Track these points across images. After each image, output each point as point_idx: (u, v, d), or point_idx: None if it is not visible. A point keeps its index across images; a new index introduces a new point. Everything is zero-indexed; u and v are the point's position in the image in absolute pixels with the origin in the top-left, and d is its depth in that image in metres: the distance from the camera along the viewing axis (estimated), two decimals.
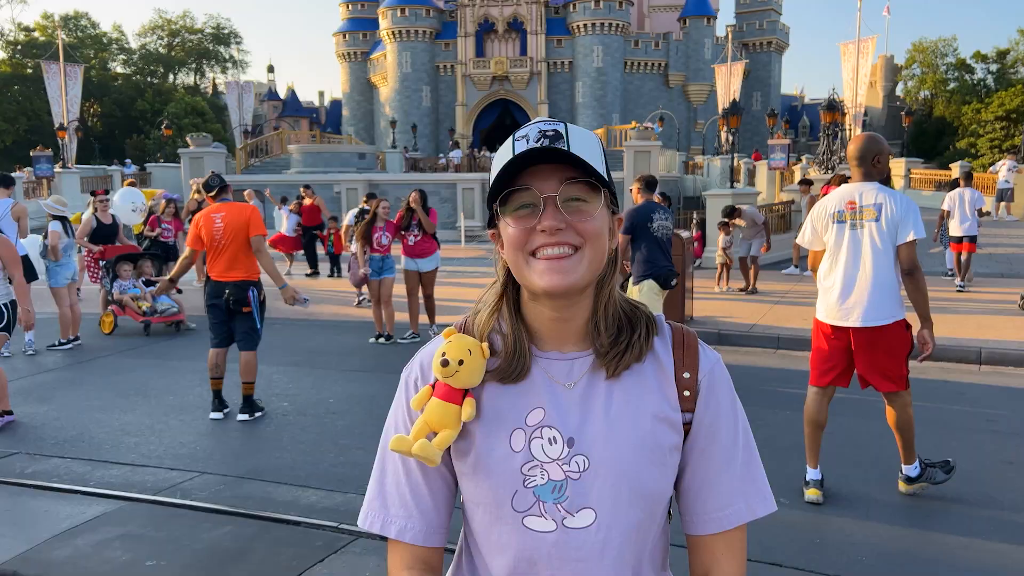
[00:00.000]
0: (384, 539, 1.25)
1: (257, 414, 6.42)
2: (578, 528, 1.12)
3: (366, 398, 7.02)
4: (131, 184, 13.39)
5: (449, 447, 1.19)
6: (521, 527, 1.13)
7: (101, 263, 10.42)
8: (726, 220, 13.09)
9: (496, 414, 1.16)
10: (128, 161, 40.82)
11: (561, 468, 1.12)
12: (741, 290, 12.65)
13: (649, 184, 7.12)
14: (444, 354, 1.16)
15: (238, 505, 4.58)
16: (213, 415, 6.41)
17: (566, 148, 1.07)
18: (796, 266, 14.50)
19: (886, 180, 4.51)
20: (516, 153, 1.08)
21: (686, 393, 1.18)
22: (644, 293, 6.79)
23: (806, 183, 16.11)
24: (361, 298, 12.21)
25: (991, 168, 25.59)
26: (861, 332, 4.37)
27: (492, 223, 1.17)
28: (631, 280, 6.91)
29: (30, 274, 9.07)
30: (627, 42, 61.31)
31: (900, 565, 3.86)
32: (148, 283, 10.60)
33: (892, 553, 3.98)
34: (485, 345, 1.18)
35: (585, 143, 1.10)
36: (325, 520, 4.33)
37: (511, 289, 1.20)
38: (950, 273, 13.10)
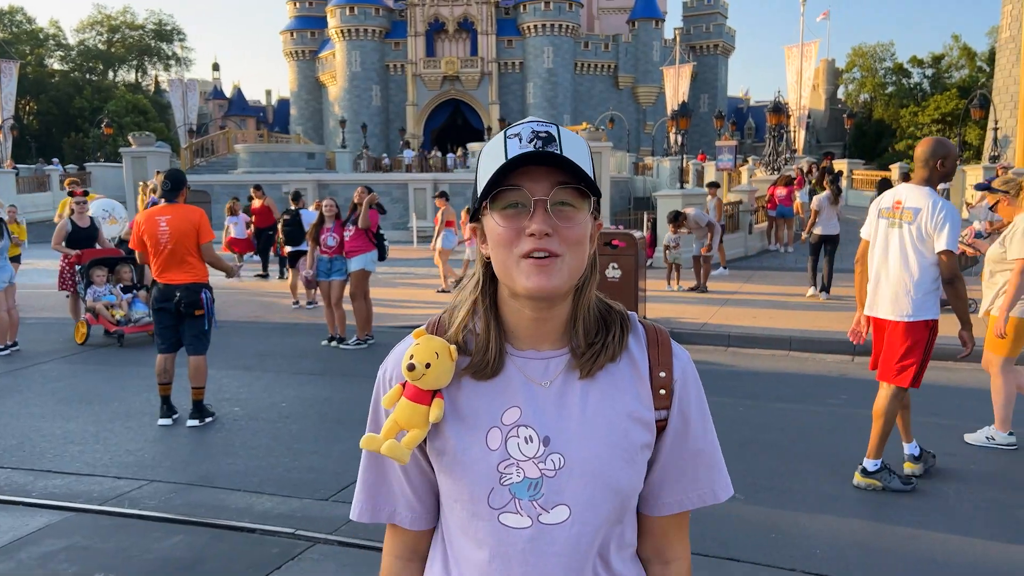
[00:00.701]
0: (343, 545, 1.24)
1: (208, 419, 6.26)
2: (553, 524, 1.15)
3: (319, 401, 6.92)
4: (73, 182, 12.77)
5: (426, 446, 1.21)
6: (497, 524, 1.15)
7: (77, 268, 9.66)
8: (679, 212, 13.32)
9: (472, 412, 1.18)
10: (56, 160, 38.47)
11: (537, 466, 1.15)
12: (691, 289, 12.83)
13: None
14: (411, 357, 1.17)
15: (189, 513, 4.46)
16: (161, 421, 6.24)
17: (558, 150, 1.08)
18: (724, 267, 14.89)
19: (946, 178, 4.67)
20: (510, 154, 1.08)
21: (661, 392, 1.21)
22: None
23: (713, 186, 16.39)
24: (295, 303, 12.02)
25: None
26: (879, 322, 4.73)
27: (476, 217, 1.18)
28: None
29: None
30: (577, 43, 61.73)
31: (852, 556, 3.94)
32: (126, 289, 9.87)
33: (844, 545, 4.07)
34: (453, 348, 1.19)
35: (576, 147, 1.12)
36: (280, 527, 4.24)
37: (488, 286, 1.20)
38: None
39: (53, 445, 5.77)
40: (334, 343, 9.28)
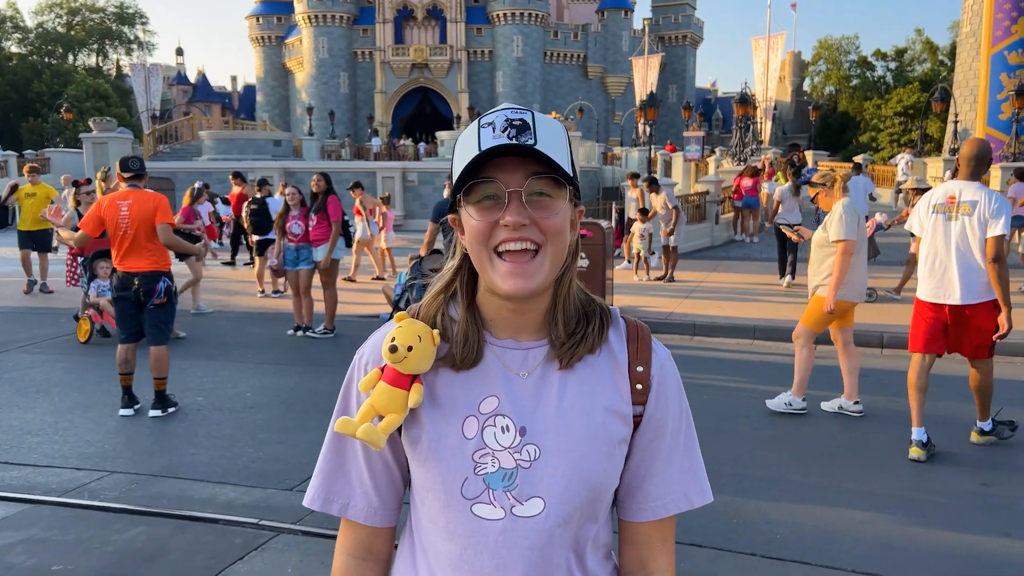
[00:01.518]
0: (307, 535, 1.22)
1: (170, 410, 6.18)
2: (526, 517, 1.12)
3: (285, 391, 6.86)
4: (34, 169, 12.31)
5: (401, 434, 1.18)
6: (469, 514, 1.13)
7: (80, 261, 9.06)
8: (645, 209, 13.33)
9: (450, 401, 1.16)
10: None
11: (512, 456, 1.13)
12: (659, 279, 12.92)
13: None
14: (393, 339, 1.15)
15: (151, 504, 4.40)
16: (123, 412, 6.14)
17: (533, 140, 1.06)
18: (629, 261, 14.17)
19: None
20: (483, 144, 1.06)
21: (639, 387, 1.19)
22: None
23: (633, 176, 16.20)
24: (261, 292, 11.93)
25: (891, 161, 26.92)
26: (957, 309, 5.05)
27: (454, 208, 1.16)
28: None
29: None
30: (547, 32, 61.65)
31: (811, 540, 4.02)
32: None
33: (804, 529, 4.14)
34: (436, 332, 1.17)
35: (551, 135, 1.10)
36: (244, 517, 4.20)
37: (467, 275, 1.19)
38: None
39: (10, 436, 5.65)
40: (300, 332, 9.21)
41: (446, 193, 8.44)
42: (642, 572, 1.24)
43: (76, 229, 8.60)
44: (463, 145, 1.12)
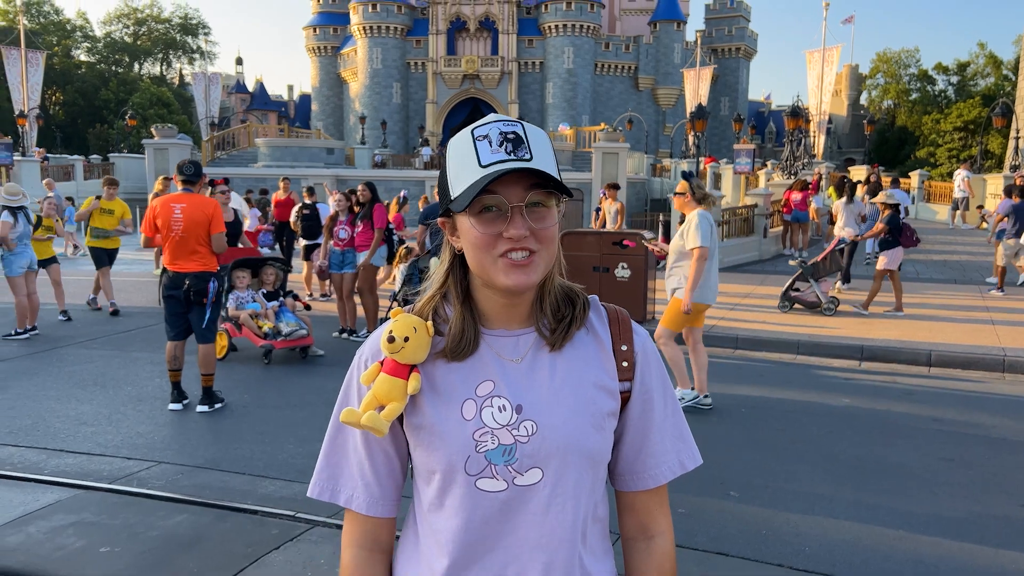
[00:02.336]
0: (341, 528, 1.31)
1: (217, 405, 6.40)
2: (527, 485, 1.21)
3: (327, 391, 7.03)
4: (111, 183, 11.06)
5: (403, 423, 1.27)
6: (474, 489, 1.21)
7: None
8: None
9: (448, 387, 1.25)
10: (41, 149, 33.09)
11: (511, 433, 1.21)
12: None
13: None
14: (391, 331, 1.24)
15: (194, 494, 4.58)
16: (172, 406, 6.38)
17: (528, 153, 1.15)
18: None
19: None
20: (482, 159, 1.15)
21: (624, 364, 1.29)
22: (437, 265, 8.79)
23: (613, 188, 15.70)
24: (309, 295, 12.19)
25: (952, 178, 26.27)
26: None
27: (447, 212, 1.24)
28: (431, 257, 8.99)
29: None
30: (598, 44, 61.74)
31: (840, 554, 3.99)
32: (271, 296, 8.53)
33: (834, 543, 4.12)
34: (430, 324, 1.26)
35: (542, 144, 1.19)
36: (282, 509, 4.35)
37: (459, 273, 1.28)
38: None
39: (67, 426, 5.93)
40: (345, 335, 9.41)
41: (435, 197, 8.86)
42: (644, 535, 1.34)
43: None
44: (458, 154, 1.19)
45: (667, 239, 15.89)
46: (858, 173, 28.46)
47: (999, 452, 5.58)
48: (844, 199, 13.71)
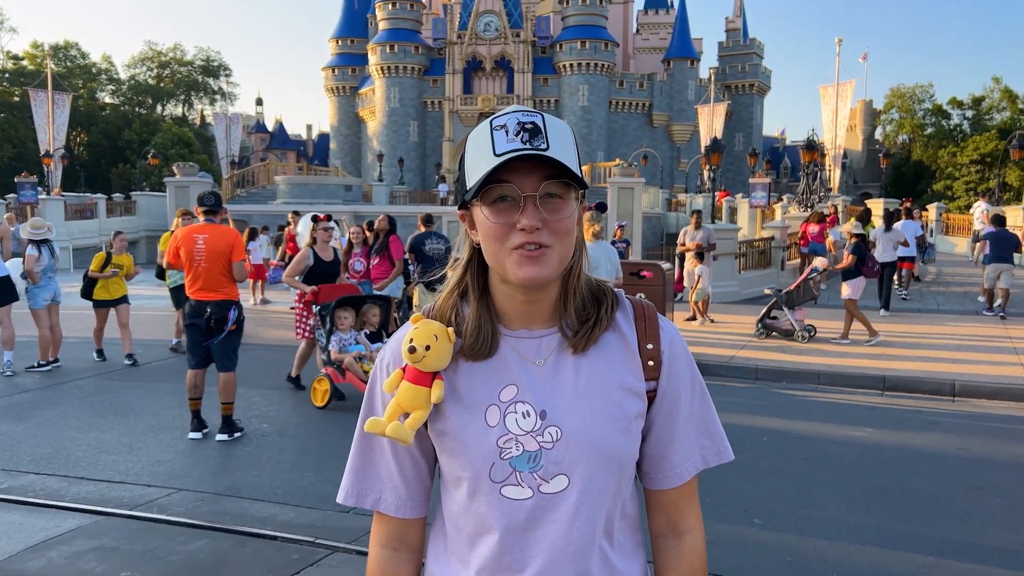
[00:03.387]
0: (360, 554, 1.31)
1: (236, 434, 6.41)
2: (553, 493, 1.18)
3: (345, 420, 7.03)
4: (187, 214, 9.42)
5: (428, 428, 1.25)
6: (499, 496, 1.19)
7: (316, 309, 7.63)
8: (701, 251, 13.23)
9: (470, 392, 1.22)
10: (35, 183, 29.59)
11: (535, 439, 1.18)
12: (690, 319, 12.74)
13: (426, 221, 9.99)
14: (411, 340, 1.21)
15: (214, 520, 4.58)
16: (192, 435, 6.40)
17: (545, 143, 1.11)
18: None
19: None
20: (497, 148, 1.11)
21: (650, 363, 1.25)
22: (420, 293, 9.12)
23: (601, 208, 15.85)
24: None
25: (969, 211, 26.18)
26: None
27: (464, 205, 1.22)
28: (415, 284, 9.50)
29: (10, 295, 9.09)
30: (612, 82, 62.43)
31: None
32: (373, 337, 7.76)
33: (862, 571, 4.04)
34: (451, 330, 1.24)
35: (561, 136, 1.15)
36: (301, 535, 4.33)
37: (477, 269, 1.25)
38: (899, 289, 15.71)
39: (87, 454, 5.96)
40: None
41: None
42: (673, 532, 1.31)
43: (313, 270, 7.98)
44: (476, 145, 1.16)
45: (682, 272, 15.94)
46: (875, 206, 28.39)
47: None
48: (882, 226, 14.28)
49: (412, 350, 1.21)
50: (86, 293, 9.85)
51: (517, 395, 1.20)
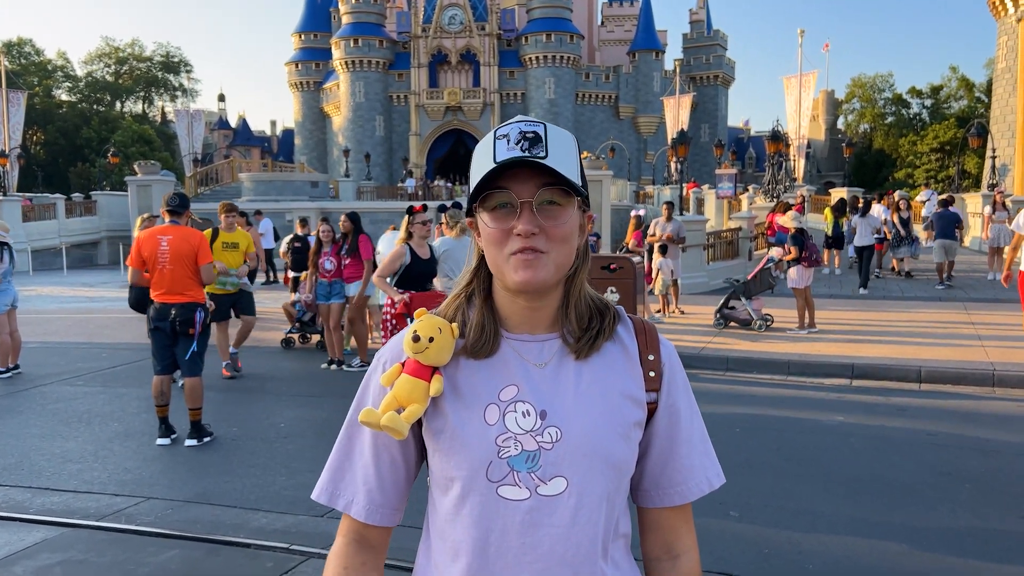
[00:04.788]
0: None
1: (206, 439, 6.29)
2: (551, 495, 1.17)
3: (317, 422, 6.95)
4: (230, 209, 8.90)
5: (422, 428, 1.24)
6: (495, 496, 1.17)
7: (407, 319, 6.82)
8: (664, 244, 13.29)
9: (471, 390, 1.21)
10: (24, 195, 30.61)
11: (534, 439, 1.17)
12: (658, 311, 12.85)
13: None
14: (416, 331, 1.21)
15: (185, 529, 4.48)
16: (160, 441, 6.27)
17: (544, 153, 1.14)
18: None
19: None
20: (498, 156, 1.14)
21: (651, 374, 1.26)
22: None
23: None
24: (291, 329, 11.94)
25: (917, 199, 26.69)
26: None
27: (471, 213, 1.24)
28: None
29: None
30: (578, 74, 62.48)
31: (844, 571, 3.95)
32: None
33: (837, 560, 4.08)
34: (455, 326, 1.24)
35: (562, 146, 1.17)
36: (275, 542, 4.26)
37: (484, 275, 1.26)
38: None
39: (52, 463, 5.81)
40: (334, 366, 9.33)
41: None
42: (669, 554, 1.29)
43: (409, 270, 7.15)
44: (480, 155, 1.19)
45: (651, 262, 15.99)
46: (838, 194, 28.78)
47: (996, 464, 5.58)
48: (859, 214, 15.50)
49: (416, 339, 1.20)
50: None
51: (517, 395, 1.20)
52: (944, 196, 18.39)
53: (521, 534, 1.17)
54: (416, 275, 7.19)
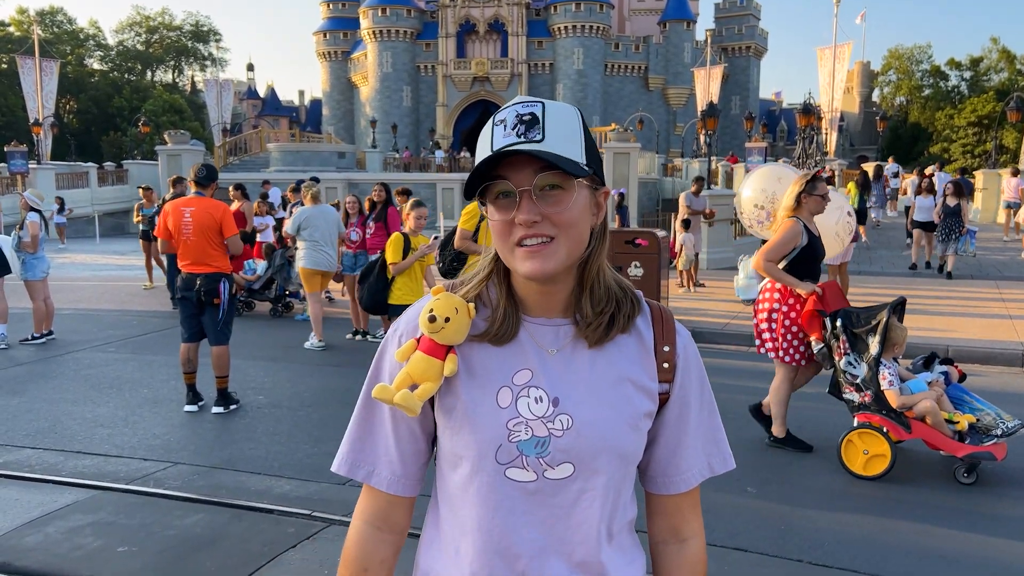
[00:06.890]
0: None
1: (232, 407, 6.43)
2: (557, 479, 1.19)
3: (341, 391, 7.05)
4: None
5: (434, 405, 1.24)
6: (503, 478, 1.19)
7: (820, 316, 5.70)
8: (688, 218, 13.19)
9: (484, 372, 1.22)
10: (25, 152, 29.17)
11: (545, 425, 1.18)
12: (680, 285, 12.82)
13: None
14: (432, 310, 1.20)
15: (211, 494, 4.60)
16: (187, 408, 6.41)
17: (541, 135, 1.10)
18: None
19: None
20: (495, 144, 1.12)
21: (665, 365, 1.25)
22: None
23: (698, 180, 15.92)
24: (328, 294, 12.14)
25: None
26: None
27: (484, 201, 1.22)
28: None
29: (3, 268, 9.05)
30: (608, 45, 61.61)
31: (859, 548, 3.96)
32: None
33: (852, 538, 4.08)
34: (472, 305, 1.23)
35: (562, 124, 1.13)
36: (298, 508, 4.36)
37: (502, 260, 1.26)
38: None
39: (84, 428, 5.97)
40: (359, 336, 9.43)
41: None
42: (676, 538, 1.32)
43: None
44: (481, 142, 1.17)
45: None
46: (867, 169, 28.28)
47: (1020, 446, 5.51)
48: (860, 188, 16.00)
49: (432, 319, 1.20)
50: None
51: (531, 380, 1.20)
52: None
53: (525, 513, 1.19)
54: (811, 261, 5.54)
